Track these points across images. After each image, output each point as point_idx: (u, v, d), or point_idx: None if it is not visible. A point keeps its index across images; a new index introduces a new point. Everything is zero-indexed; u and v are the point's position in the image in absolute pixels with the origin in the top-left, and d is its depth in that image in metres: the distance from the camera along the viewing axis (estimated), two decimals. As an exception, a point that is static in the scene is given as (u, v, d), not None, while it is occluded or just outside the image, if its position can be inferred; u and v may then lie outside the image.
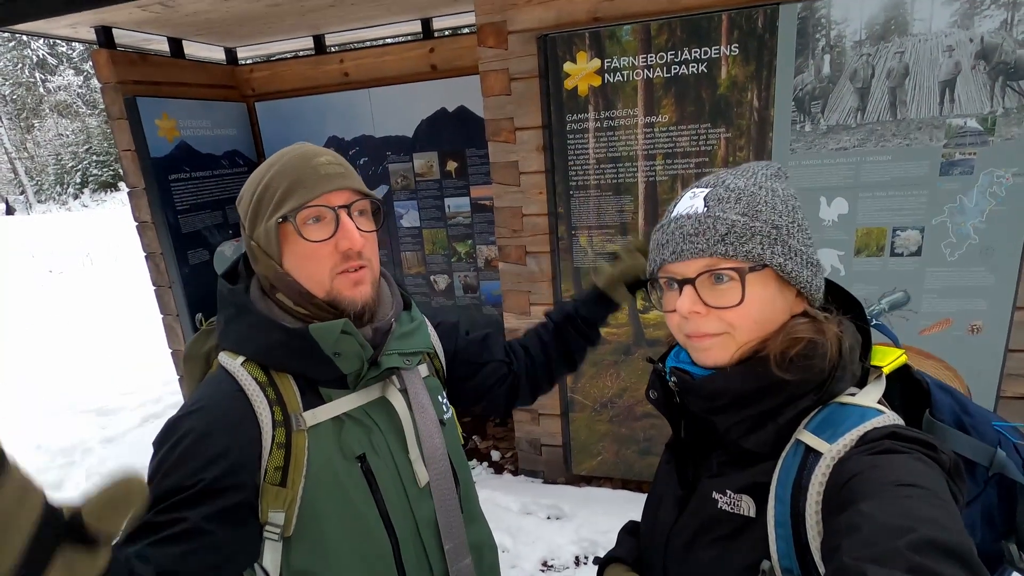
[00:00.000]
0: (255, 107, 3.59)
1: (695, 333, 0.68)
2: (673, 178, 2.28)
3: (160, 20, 2.75)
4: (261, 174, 0.82)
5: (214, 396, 0.78)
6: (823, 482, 0.59)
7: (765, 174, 0.70)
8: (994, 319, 2.11)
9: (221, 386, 0.79)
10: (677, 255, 0.68)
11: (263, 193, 0.80)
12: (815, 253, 0.69)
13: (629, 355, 2.54)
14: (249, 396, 0.77)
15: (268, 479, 0.76)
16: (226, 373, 0.80)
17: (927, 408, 0.68)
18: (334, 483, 0.79)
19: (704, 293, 0.67)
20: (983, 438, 0.68)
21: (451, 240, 3.62)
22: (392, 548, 0.83)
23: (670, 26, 2.12)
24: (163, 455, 0.73)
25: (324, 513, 0.78)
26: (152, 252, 3.07)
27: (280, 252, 0.80)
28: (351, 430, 0.82)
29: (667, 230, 0.70)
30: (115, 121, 2.88)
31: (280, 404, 0.78)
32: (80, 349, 5.83)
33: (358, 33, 3.66)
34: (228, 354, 0.82)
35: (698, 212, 0.67)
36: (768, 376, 0.64)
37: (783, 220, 0.67)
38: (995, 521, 0.69)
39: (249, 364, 0.80)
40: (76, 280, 9.82)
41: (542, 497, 2.71)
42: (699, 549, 0.71)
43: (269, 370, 0.80)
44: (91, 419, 4.00)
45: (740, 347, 0.67)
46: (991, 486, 0.68)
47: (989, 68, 1.90)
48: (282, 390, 0.79)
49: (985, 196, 2.00)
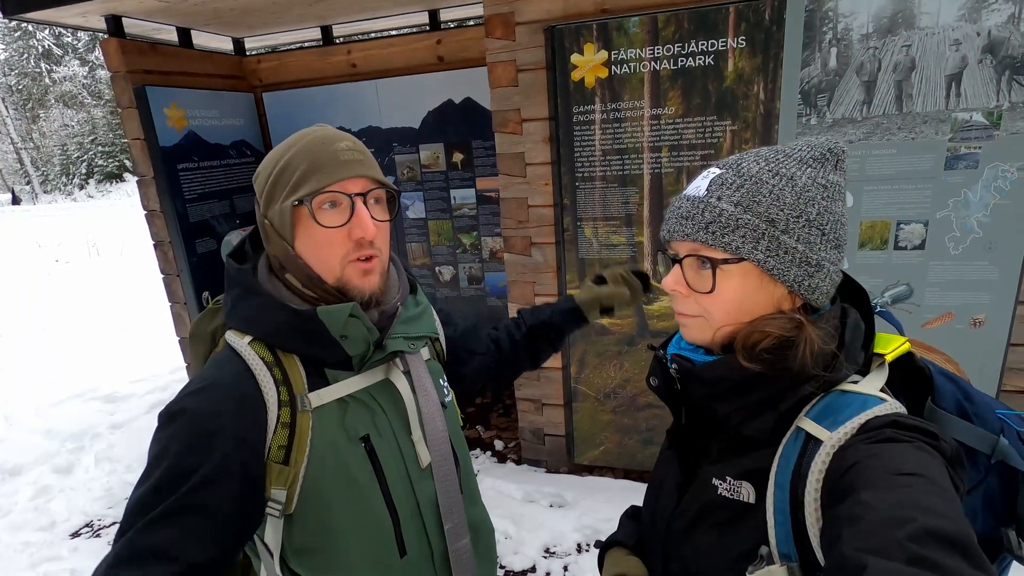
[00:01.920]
0: (262, 97, 3.61)
1: (676, 310, 0.72)
2: (679, 170, 2.29)
3: (169, 9, 2.77)
4: (280, 153, 0.82)
5: (220, 375, 0.78)
6: (823, 470, 0.59)
7: (800, 157, 0.67)
8: (996, 313, 2.12)
9: (227, 365, 0.79)
10: (670, 234, 0.71)
11: (280, 173, 0.80)
12: (823, 250, 0.66)
13: (633, 345, 2.56)
14: (256, 375, 0.78)
15: (271, 457, 0.77)
16: (233, 352, 0.80)
17: (929, 396, 0.68)
18: (337, 463, 0.80)
19: (689, 275, 0.69)
20: (986, 425, 0.68)
21: (456, 232, 3.63)
22: (393, 527, 0.85)
23: (677, 18, 2.13)
24: (170, 434, 0.74)
25: (326, 492, 0.79)
26: (161, 240, 3.10)
27: (293, 234, 0.81)
28: (355, 411, 0.83)
29: (673, 206, 0.72)
30: (124, 110, 2.90)
31: (286, 384, 0.79)
32: (88, 338, 5.88)
33: (365, 24, 3.67)
34: (235, 333, 0.82)
35: (698, 195, 0.69)
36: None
37: (784, 214, 0.65)
38: (996, 508, 0.70)
39: (256, 344, 0.81)
40: (83, 270, 9.88)
41: (545, 486, 2.74)
42: (698, 534, 0.72)
43: (275, 350, 0.81)
44: (100, 406, 4.04)
45: (716, 331, 0.69)
46: (993, 473, 0.69)
47: (996, 62, 1.90)
48: (288, 370, 0.80)
49: (990, 190, 2.01)
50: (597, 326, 2.58)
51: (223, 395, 0.76)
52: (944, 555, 0.44)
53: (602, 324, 2.57)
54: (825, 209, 0.66)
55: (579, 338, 2.62)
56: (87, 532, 2.79)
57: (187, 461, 0.72)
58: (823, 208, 0.66)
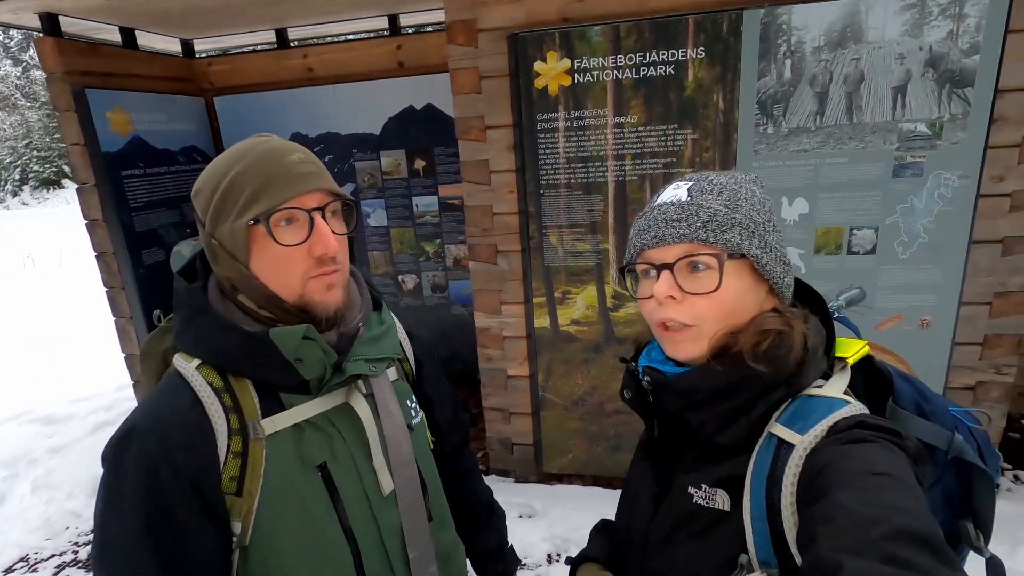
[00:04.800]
0: (214, 102, 3.47)
1: (667, 319, 0.69)
2: (642, 178, 2.32)
3: (111, 8, 2.63)
4: (224, 168, 0.76)
5: (165, 410, 0.74)
6: (796, 473, 0.60)
7: (745, 177, 0.74)
8: (942, 314, 2.22)
9: (174, 396, 0.75)
10: (658, 239, 0.69)
11: (228, 190, 0.75)
12: (787, 254, 0.72)
13: (599, 352, 2.57)
14: (203, 403, 0.74)
15: (224, 488, 0.74)
16: (180, 378, 0.76)
17: (889, 396, 0.71)
18: (291, 493, 0.77)
19: (681, 279, 0.68)
20: (941, 423, 0.72)
21: (419, 239, 3.58)
22: (353, 557, 0.81)
23: (638, 28, 2.16)
24: (116, 479, 0.71)
25: (280, 522, 0.76)
26: (103, 252, 2.93)
27: (248, 254, 0.76)
28: (312, 438, 0.79)
29: (650, 216, 0.71)
30: (62, 113, 2.73)
31: (237, 411, 0.75)
32: (24, 355, 5.51)
33: (323, 28, 3.58)
34: (184, 356, 0.78)
35: (681, 200, 0.69)
36: (739, 372, 0.66)
37: (761, 217, 0.69)
38: (954, 502, 0.73)
39: (205, 368, 0.76)
40: (16, 282, 9.27)
41: (514, 496, 2.71)
42: (676, 544, 0.72)
43: (226, 374, 0.77)
44: (37, 428, 3.77)
45: (708, 339, 0.68)
46: (949, 469, 0.72)
47: (937, 75, 2.00)
48: (239, 396, 0.76)
49: (934, 197, 2.11)
50: (564, 333, 2.58)
51: (167, 434, 0.72)
52: (916, 553, 0.46)
53: (568, 332, 2.57)
54: (777, 219, 0.72)
55: (545, 346, 2.61)
56: (22, 567, 2.59)
57: (136, 514, 0.70)
58: (776, 219, 0.72)
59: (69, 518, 2.87)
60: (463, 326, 3.67)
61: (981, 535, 0.71)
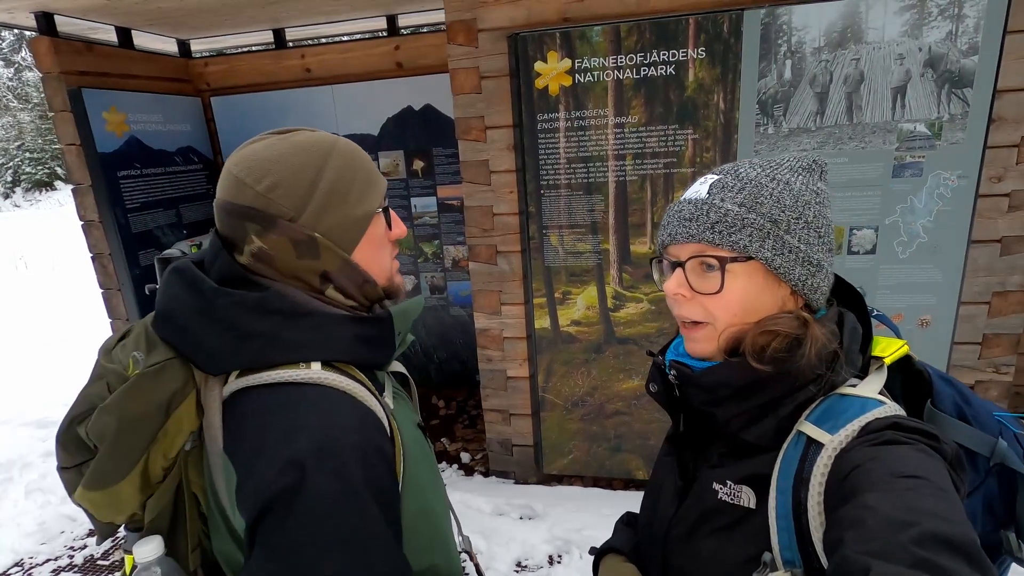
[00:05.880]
0: (211, 102, 3.45)
1: (680, 316, 0.70)
2: (643, 178, 2.31)
3: (107, 8, 2.61)
4: (314, 163, 0.74)
5: (344, 422, 0.69)
6: (825, 473, 0.59)
7: (791, 166, 0.69)
8: (941, 313, 2.23)
9: (337, 402, 0.70)
10: (672, 237, 0.70)
11: (335, 183, 0.74)
12: (820, 252, 0.68)
13: (600, 353, 2.56)
14: (361, 399, 0.71)
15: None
16: (315, 387, 0.70)
17: (928, 398, 0.69)
18: (421, 453, 0.83)
19: (692, 278, 0.68)
20: (984, 428, 0.69)
21: (418, 240, 3.57)
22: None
23: (639, 28, 2.15)
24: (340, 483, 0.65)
25: (421, 479, 0.80)
26: (99, 253, 2.90)
27: (357, 243, 0.78)
28: (402, 403, 0.86)
29: (672, 211, 0.71)
30: (58, 113, 2.71)
31: (374, 395, 0.77)
32: (16, 358, 5.45)
33: (321, 28, 3.57)
34: (288, 368, 0.70)
35: (700, 198, 0.68)
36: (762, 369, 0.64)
37: (785, 215, 0.66)
38: (996, 511, 0.71)
39: (327, 367, 0.72)
40: (8, 285, 9.19)
41: (514, 497, 2.70)
42: (699, 540, 0.71)
43: (341, 366, 0.76)
44: (31, 432, 3.74)
45: (721, 336, 0.68)
46: (992, 476, 0.70)
47: (936, 76, 2.01)
48: (363, 381, 0.76)
49: (933, 197, 2.12)
50: (564, 334, 2.57)
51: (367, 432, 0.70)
52: (948, 559, 0.44)
53: (569, 332, 2.56)
54: (819, 213, 0.68)
55: (546, 347, 2.60)
56: (16, 572, 2.56)
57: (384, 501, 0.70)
58: (817, 212, 0.68)
59: (64, 522, 2.84)
60: (462, 327, 3.66)
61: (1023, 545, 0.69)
